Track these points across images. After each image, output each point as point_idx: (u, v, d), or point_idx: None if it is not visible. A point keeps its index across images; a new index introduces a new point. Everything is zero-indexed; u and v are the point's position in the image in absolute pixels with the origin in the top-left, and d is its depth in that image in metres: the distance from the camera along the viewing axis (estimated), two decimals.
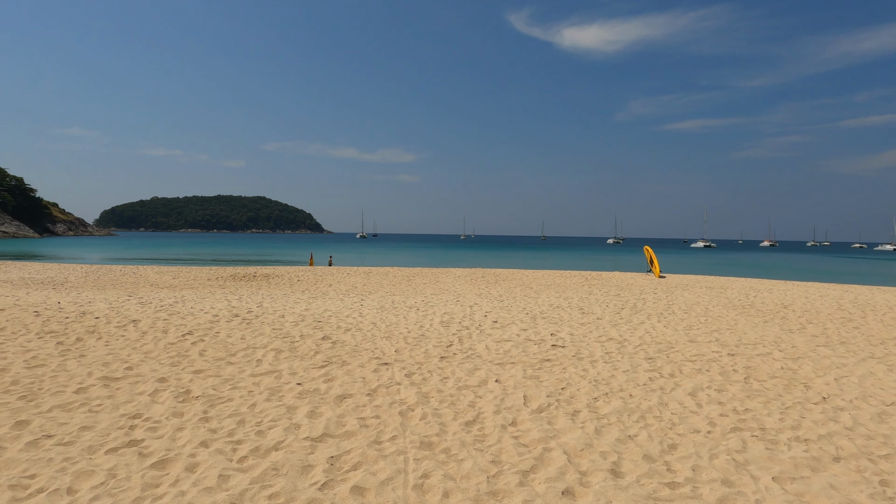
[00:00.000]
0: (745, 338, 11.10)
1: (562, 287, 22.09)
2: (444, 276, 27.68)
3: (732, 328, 12.31)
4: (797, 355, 9.45)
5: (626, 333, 11.26)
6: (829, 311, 15.56)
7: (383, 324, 11.72)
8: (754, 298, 18.68)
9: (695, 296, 19.29)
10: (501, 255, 79.30)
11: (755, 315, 14.60)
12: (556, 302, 16.67)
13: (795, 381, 7.71)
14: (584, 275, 29.22)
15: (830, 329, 12.51)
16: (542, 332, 11.10)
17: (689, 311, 15.18)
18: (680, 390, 7.09)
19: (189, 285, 22.31)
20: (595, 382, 7.37)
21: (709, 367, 8.41)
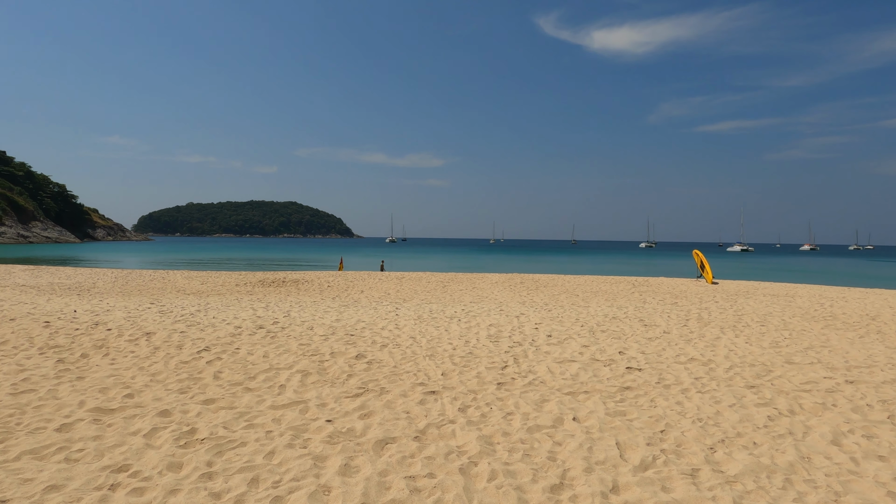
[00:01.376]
0: (851, 358, 9.37)
1: (610, 294, 20.41)
2: (481, 281, 26.22)
3: (827, 345, 10.57)
4: None
5: (707, 352, 9.64)
6: None
7: (423, 338, 10.33)
8: (831, 308, 16.74)
9: (761, 304, 17.43)
10: (534, 259, 77.38)
11: (844, 328, 12.76)
12: (610, 312, 15.06)
13: None
14: (630, 280, 27.41)
15: None
16: (608, 350, 9.56)
17: (765, 323, 13.41)
18: (815, 435, 5.51)
19: (216, 291, 21.36)
20: (700, 422, 5.83)
21: (833, 400, 6.78)
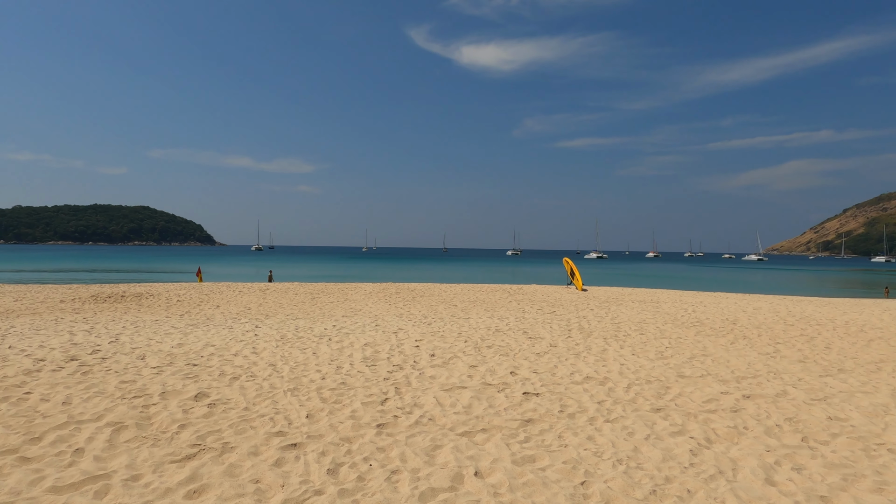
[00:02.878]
0: (735, 368, 9.24)
1: (489, 304, 19.84)
2: (354, 292, 24.58)
3: (707, 354, 10.50)
4: (818, 394, 7.61)
5: (599, 367, 9.02)
6: (781, 327, 14.41)
7: (286, 365, 8.65)
8: (695, 313, 17.45)
9: (634, 312, 17.75)
10: (407, 267, 76.74)
11: (713, 335, 13.04)
12: (492, 323, 14.29)
13: (863, 438, 5.73)
14: (505, 288, 27.29)
15: (806, 351, 11.07)
16: (499, 371, 8.58)
17: (643, 331, 13.37)
18: (746, 472, 4.81)
19: (33, 310, 17.62)
20: (621, 465, 4.91)
21: (742, 421, 6.26)
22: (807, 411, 6.69)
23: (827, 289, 46.28)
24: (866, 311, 19.66)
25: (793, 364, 9.68)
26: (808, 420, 6.32)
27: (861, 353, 10.97)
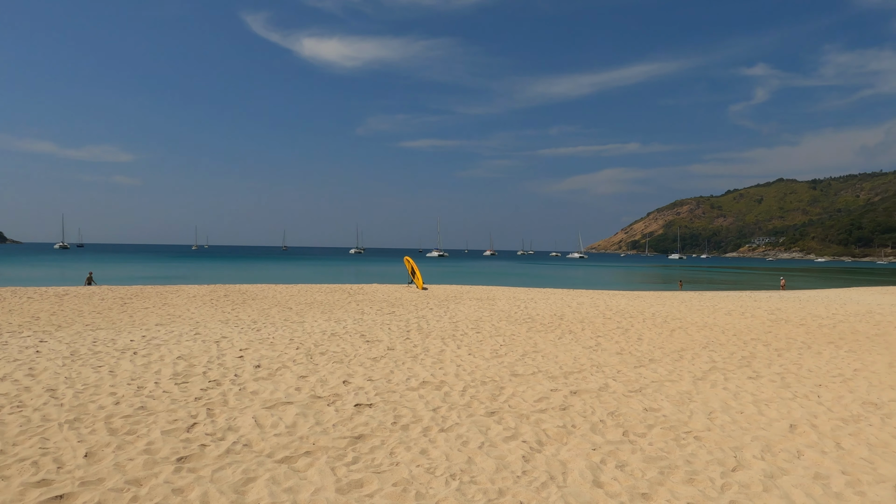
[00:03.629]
0: (563, 363, 9.62)
1: (327, 305, 18.98)
2: (175, 295, 22.10)
3: (538, 350, 10.87)
4: (634, 385, 8.12)
5: (436, 370, 8.82)
6: (601, 321, 15.60)
7: (71, 389, 7.18)
8: (527, 309, 18.29)
9: (471, 309, 18.12)
10: (242, 266, 72.05)
11: (543, 330, 13.66)
12: (329, 327, 13.56)
13: (674, 427, 6.11)
14: (345, 288, 26.49)
15: (623, 343, 11.99)
16: (331, 380, 7.96)
17: (479, 329, 13.58)
18: (575, 475, 4.78)
19: None
20: (455, 481, 4.61)
21: (571, 419, 6.37)
22: (626, 404, 7.04)
23: (635, 283, 52.20)
24: (667, 303, 22.22)
25: (612, 357, 10.35)
26: (627, 413, 6.62)
27: (666, 342, 12.14)
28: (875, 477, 4.85)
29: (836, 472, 4.93)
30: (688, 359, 10.29)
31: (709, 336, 13.18)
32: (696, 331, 14.06)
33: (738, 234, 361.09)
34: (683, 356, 10.55)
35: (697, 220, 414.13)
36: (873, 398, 7.55)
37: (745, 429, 6.14)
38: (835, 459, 5.25)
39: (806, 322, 16.18)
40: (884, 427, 6.27)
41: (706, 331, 14.06)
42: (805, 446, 5.62)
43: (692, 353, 10.83)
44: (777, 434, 5.97)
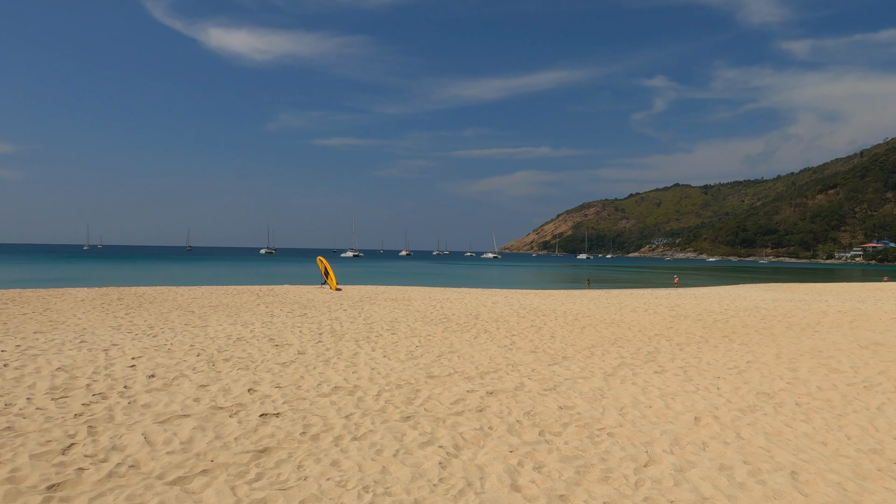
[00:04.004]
0: (478, 363, 9.56)
1: (233, 308, 17.96)
2: (59, 300, 20.12)
3: (454, 350, 10.77)
4: (549, 383, 8.18)
5: (350, 374, 8.47)
6: (515, 319, 15.80)
7: None
8: (442, 309, 18.22)
9: (386, 310, 17.79)
10: (140, 267, 67.35)
11: (459, 330, 13.61)
12: (234, 331, 12.78)
13: (588, 424, 6.15)
14: (254, 290, 25.28)
15: (537, 341, 12.16)
16: (235, 389, 7.41)
17: (395, 330, 13.31)
18: (493, 479, 4.64)
19: None
20: (368, 493, 4.33)
21: (487, 420, 6.26)
22: (541, 403, 7.05)
23: (547, 282, 53.88)
24: (577, 301, 22.97)
25: (526, 355, 10.44)
26: (543, 412, 6.62)
27: (578, 339, 12.44)
28: (773, 465, 5.08)
29: (739, 462, 5.13)
30: (598, 355, 10.56)
31: (616, 333, 13.66)
32: (605, 328, 14.55)
33: (639, 235, 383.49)
34: (594, 353, 10.83)
35: (603, 222, 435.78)
36: (766, 388, 8.04)
37: (654, 423, 6.30)
38: (736, 450, 5.47)
39: (702, 317, 17.22)
40: (777, 416, 6.65)
41: (614, 327, 14.58)
42: (709, 438, 5.83)
43: (602, 350, 11.15)
44: (683, 427, 6.17)
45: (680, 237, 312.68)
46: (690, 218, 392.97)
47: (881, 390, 7.96)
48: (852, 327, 15.26)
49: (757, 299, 25.69)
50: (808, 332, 14.10)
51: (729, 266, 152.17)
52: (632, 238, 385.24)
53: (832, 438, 5.87)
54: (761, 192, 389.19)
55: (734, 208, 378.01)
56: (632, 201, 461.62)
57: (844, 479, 4.80)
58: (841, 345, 12.10)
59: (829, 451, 5.51)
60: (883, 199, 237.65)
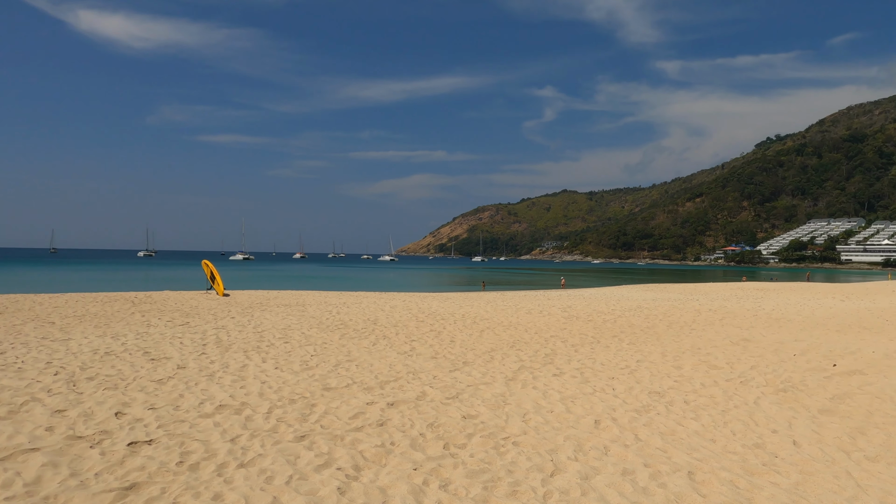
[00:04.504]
0: (378, 371, 9.17)
1: (103, 318, 16.16)
2: None
3: (352, 359, 10.29)
4: (451, 391, 7.97)
5: (237, 390, 7.75)
6: (414, 324, 15.55)
7: None
8: (339, 315, 17.56)
9: (278, 317, 16.84)
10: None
11: (357, 336, 13.12)
12: (103, 344, 11.42)
13: (492, 434, 5.99)
14: (129, 297, 23.02)
15: (437, 346, 11.97)
16: (99, 413, 6.49)
17: (288, 339, 12.56)
18: (396, 502, 4.30)
19: None
20: None
21: (389, 435, 5.90)
22: (445, 412, 6.81)
23: (444, 285, 54.33)
24: (475, 303, 23.19)
25: (427, 361, 10.19)
26: (447, 423, 6.38)
27: (477, 343, 12.41)
28: (671, 466, 5.18)
29: (640, 466, 5.18)
30: (498, 359, 10.55)
31: (514, 335, 13.82)
32: (503, 330, 14.69)
33: (531, 239, 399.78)
34: (494, 357, 10.82)
35: (497, 226, 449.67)
36: (656, 387, 8.36)
37: (557, 429, 6.27)
38: (636, 452, 5.54)
39: (593, 318, 17.96)
40: (669, 415, 6.89)
41: (511, 330, 14.76)
42: (610, 441, 5.88)
43: (502, 354, 11.17)
44: (585, 431, 6.19)
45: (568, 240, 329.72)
46: (577, 222, 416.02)
47: (755, 385, 8.57)
48: (723, 324, 16.59)
49: (639, 299, 27.36)
50: (686, 331, 15.11)
51: (611, 268, 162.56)
52: (524, 241, 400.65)
53: (720, 435, 6.14)
54: (639, 199, 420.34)
55: (616, 214, 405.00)
56: (524, 206, 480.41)
57: (735, 475, 4.98)
58: (715, 342, 13.04)
59: (718, 448, 5.74)
60: (740, 207, 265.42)
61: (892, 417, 6.87)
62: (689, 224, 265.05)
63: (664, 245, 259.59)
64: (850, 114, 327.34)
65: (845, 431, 6.31)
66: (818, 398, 7.79)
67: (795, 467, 5.22)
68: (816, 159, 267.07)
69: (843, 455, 5.56)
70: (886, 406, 7.41)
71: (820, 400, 7.71)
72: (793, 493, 4.63)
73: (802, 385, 8.52)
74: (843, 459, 5.43)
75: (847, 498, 4.57)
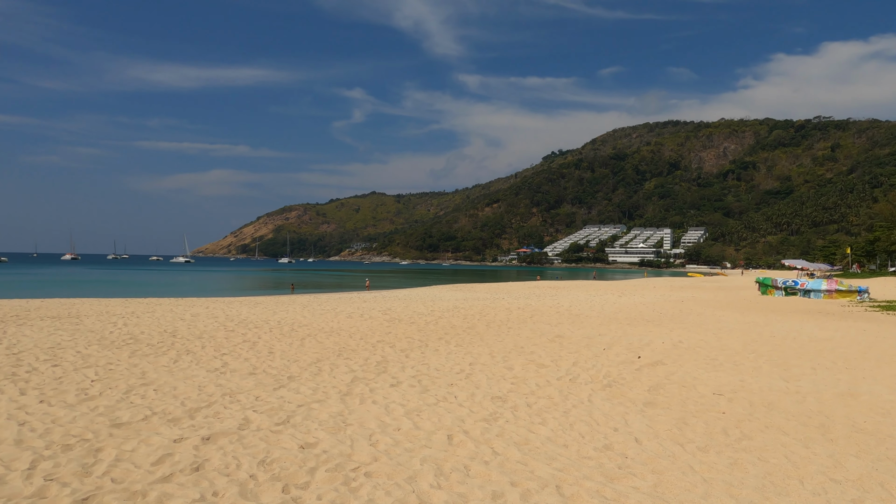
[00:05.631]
0: (185, 396, 7.65)
1: None
2: None
3: (149, 381, 8.52)
4: (279, 414, 6.88)
5: None
6: (223, 335, 13.75)
7: None
8: (126, 326, 14.85)
9: (43, 333, 13.64)
10: None
11: (152, 353, 11.08)
12: None
13: (339, 466, 5.13)
14: None
15: (254, 360, 10.58)
16: None
17: (57, 360, 10.09)
18: None
19: None
20: None
21: (212, 486, 4.70)
22: (277, 443, 5.75)
23: (250, 289, 50.58)
24: (289, 308, 21.61)
25: (245, 379, 8.85)
26: (281, 457, 5.34)
27: (300, 353, 11.27)
28: (538, 482, 4.86)
29: (507, 486, 4.78)
30: (327, 371, 9.61)
31: (339, 342, 12.91)
32: (326, 337, 13.68)
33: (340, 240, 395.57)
34: (322, 368, 9.84)
35: (305, 226, 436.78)
36: (496, 392, 8.20)
37: (409, 450, 5.63)
38: (499, 469, 5.15)
39: (415, 320, 17.77)
40: (517, 422, 6.68)
41: (335, 336, 13.82)
42: (468, 458, 5.41)
43: (330, 364, 10.23)
44: (440, 450, 5.65)
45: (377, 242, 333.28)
46: (385, 224, 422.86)
47: (582, 381, 8.89)
48: (534, 322, 17.56)
49: (453, 299, 28.13)
50: (504, 329, 15.62)
51: (419, 268, 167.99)
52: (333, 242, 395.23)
53: (570, 439, 6.06)
54: (444, 203, 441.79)
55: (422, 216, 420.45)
56: (333, 206, 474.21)
57: (599, 484, 4.84)
58: (534, 339, 13.60)
59: (573, 454, 5.62)
60: (530, 213, 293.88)
61: (702, 406, 7.53)
62: (487, 227, 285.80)
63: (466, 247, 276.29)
64: (615, 135, 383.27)
65: (672, 423, 6.69)
66: (638, 391, 8.31)
67: (646, 467, 5.27)
68: (590, 173, 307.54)
69: (679, 448, 5.80)
70: (693, 394, 8.15)
71: (640, 392, 8.21)
72: (655, 497, 4.60)
73: (621, 379, 9.07)
74: (682, 453, 5.66)
75: (700, 495, 4.67)
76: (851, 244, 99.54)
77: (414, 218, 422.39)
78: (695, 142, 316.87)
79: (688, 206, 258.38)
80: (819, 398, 7.95)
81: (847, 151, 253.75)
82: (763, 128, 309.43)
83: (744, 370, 9.91)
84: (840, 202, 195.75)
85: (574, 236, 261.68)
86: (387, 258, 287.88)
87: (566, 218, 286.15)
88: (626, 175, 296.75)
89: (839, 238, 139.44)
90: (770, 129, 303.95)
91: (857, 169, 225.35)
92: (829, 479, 5.02)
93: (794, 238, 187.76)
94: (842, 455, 5.63)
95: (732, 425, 6.61)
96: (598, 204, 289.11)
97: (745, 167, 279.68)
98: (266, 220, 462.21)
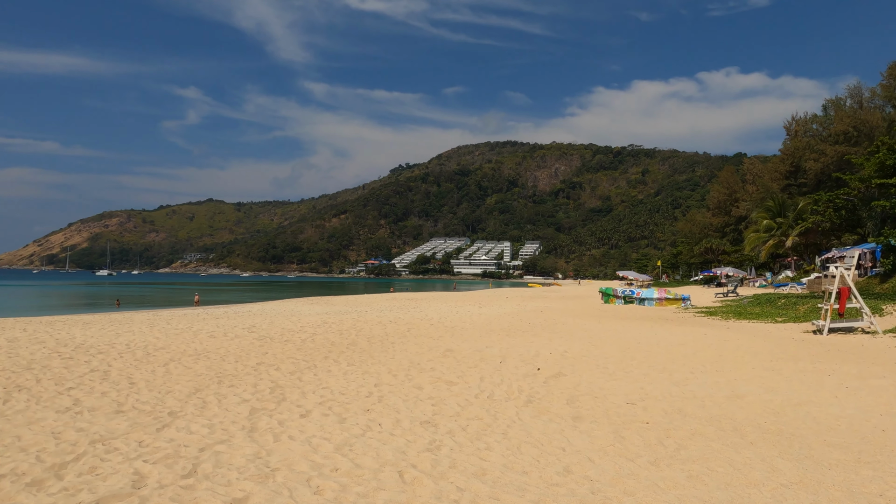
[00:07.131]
0: (38, 448, 6.00)
1: None
2: None
3: None
4: (178, 467, 5.64)
5: None
6: (62, 365, 11.40)
7: None
8: None
9: None
10: None
11: None
12: None
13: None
14: None
15: (113, 395, 8.80)
16: None
17: None
18: None
19: None
20: None
21: None
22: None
23: (64, 306, 43.78)
24: (132, 327, 18.79)
25: (112, 419, 7.25)
26: None
27: (170, 383, 9.63)
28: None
29: None
30: (214, 403, 8.27)
31: (212, 367, 11.34)
32: (194, 362, 11.96)
33: (171, 250, 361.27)
34: (206, 399, 8.45)
35: (129, 235, 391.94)
36: (419, 415, 7.61)
37: (364, 495, 4.83)
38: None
39: (288, 337, 16.39)
40: (461, 449, 6.18)
41: (205, 360, 12.14)
42: (435, 499, 4.79)
43: (213, 394, 8.84)
44: (397, 491, 4.95)
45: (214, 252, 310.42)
46: (224, 234, 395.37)
47: (501, 399, 8.64)
48: (414, 336, 17.14)
49: (315, 314, 26.72)
50: (388, 345, 14.98)
51: (263, 281, 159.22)
52: (162, 252, 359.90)
53: (527, 465, 5.70)
54: (288, 213, 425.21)
55: (265, 226, 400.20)
56: (162, 213, 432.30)
57: None
58: (424, 354, 13.17)
59: (540, 482, 5.26)
60: (378, 225, 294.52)
61: (624, 417, 7.65)
62: (335, 238, 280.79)
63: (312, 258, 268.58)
64: (459, 152, 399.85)
65: (609, 438, 6.66)
66: (558, 405, 8.25)
67: (616, 489, 5.09)
68: (436, 187, 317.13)
69: (633, 465, 5.73)
70: (608, 405, 8.28)
71: (562, 407, 8.16)
72: None
73: (536, 394, 8.98)
74: (638, 470, 5.58)
75: None
76: (660, 257, 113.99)
77: (256, 228, 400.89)
78: (531, 162, 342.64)
79: (525, 221, 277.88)
80: (714, 402, 8.53)
81: (654, 176, 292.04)
82: (588, 152, 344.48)
83: (636, 377, 10.40)
84: (649, 220, 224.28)
85: (421, 248, 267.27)
86: (225, 270, 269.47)
87: (413, 230, 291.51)
88: (470, 190, 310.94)
89: (650, 252, 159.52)
90: (593, 154, 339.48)
91: (661, 192, 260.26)
92: (778, 484, 5.23)
93: (614, 251, 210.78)
94: (770, 457, 5.96)
95: (663, 435, 6.75)
96: (443, 217, 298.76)
97: (573, 187, 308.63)
98: (80, 227, 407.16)
